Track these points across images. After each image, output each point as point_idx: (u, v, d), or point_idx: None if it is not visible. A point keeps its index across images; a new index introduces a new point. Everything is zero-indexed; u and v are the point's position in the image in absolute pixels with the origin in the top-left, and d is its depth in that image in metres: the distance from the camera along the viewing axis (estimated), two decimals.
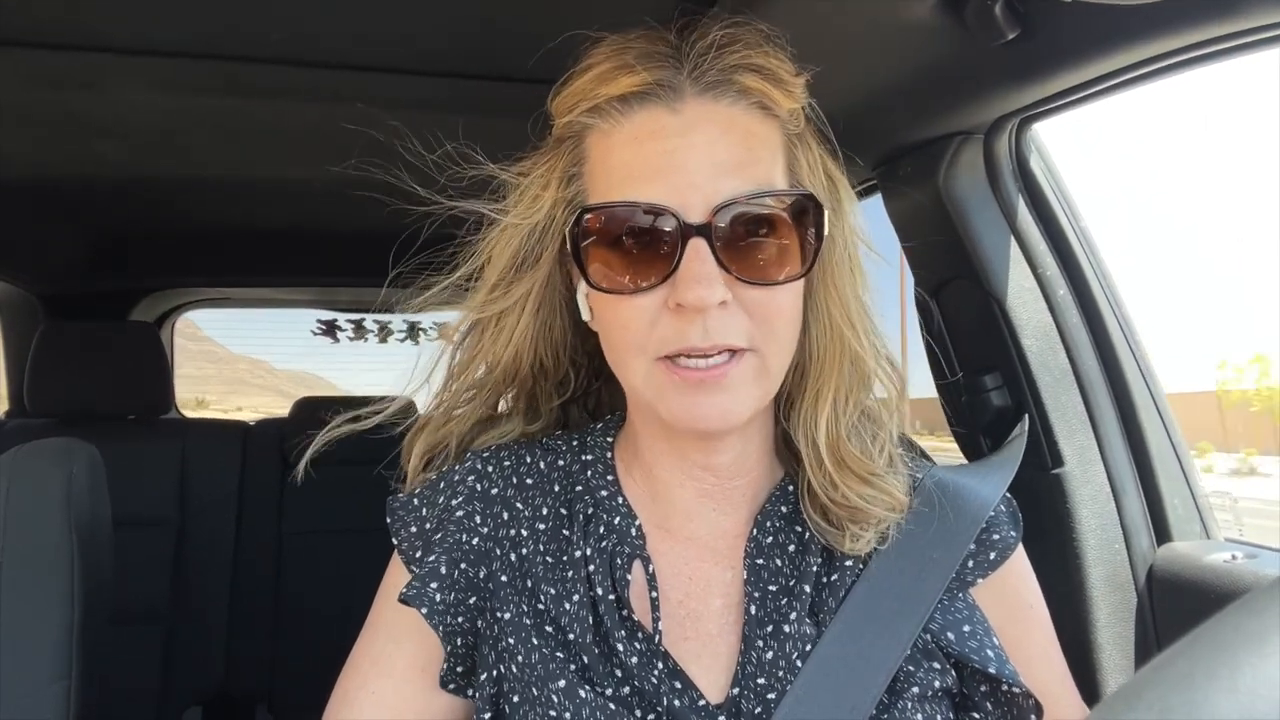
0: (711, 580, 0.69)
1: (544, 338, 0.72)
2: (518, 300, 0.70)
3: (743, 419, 0.63)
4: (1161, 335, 5.05)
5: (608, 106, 0.64)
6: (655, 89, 0.62)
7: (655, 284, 0.60)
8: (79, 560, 1.12)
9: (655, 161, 0.61)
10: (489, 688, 0.65)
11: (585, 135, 0.67)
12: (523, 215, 0.68)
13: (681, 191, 0.60)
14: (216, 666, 2.20)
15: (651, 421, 0.70)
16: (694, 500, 0.71)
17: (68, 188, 1.81)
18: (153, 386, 2.26)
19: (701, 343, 0.60)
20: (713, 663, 0.65)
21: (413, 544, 0.72)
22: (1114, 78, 0.89)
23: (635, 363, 0.63)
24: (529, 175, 0.69)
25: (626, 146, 0.63)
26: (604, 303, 0.65)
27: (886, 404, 0.73)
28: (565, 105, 0.67)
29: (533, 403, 0.77)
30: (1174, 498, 1.07)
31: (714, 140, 0.61)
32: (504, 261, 0.69)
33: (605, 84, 0.64)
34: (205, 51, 1.17)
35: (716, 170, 0.60)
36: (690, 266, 0.59)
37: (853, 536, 0.67)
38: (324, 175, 1.78)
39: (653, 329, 0.61)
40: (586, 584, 0.66)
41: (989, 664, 0.64)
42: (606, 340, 0.67)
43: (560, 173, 0.68)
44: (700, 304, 0.59)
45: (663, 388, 0.62)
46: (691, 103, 0.62)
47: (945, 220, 1.12)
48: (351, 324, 3.04)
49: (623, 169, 0.63)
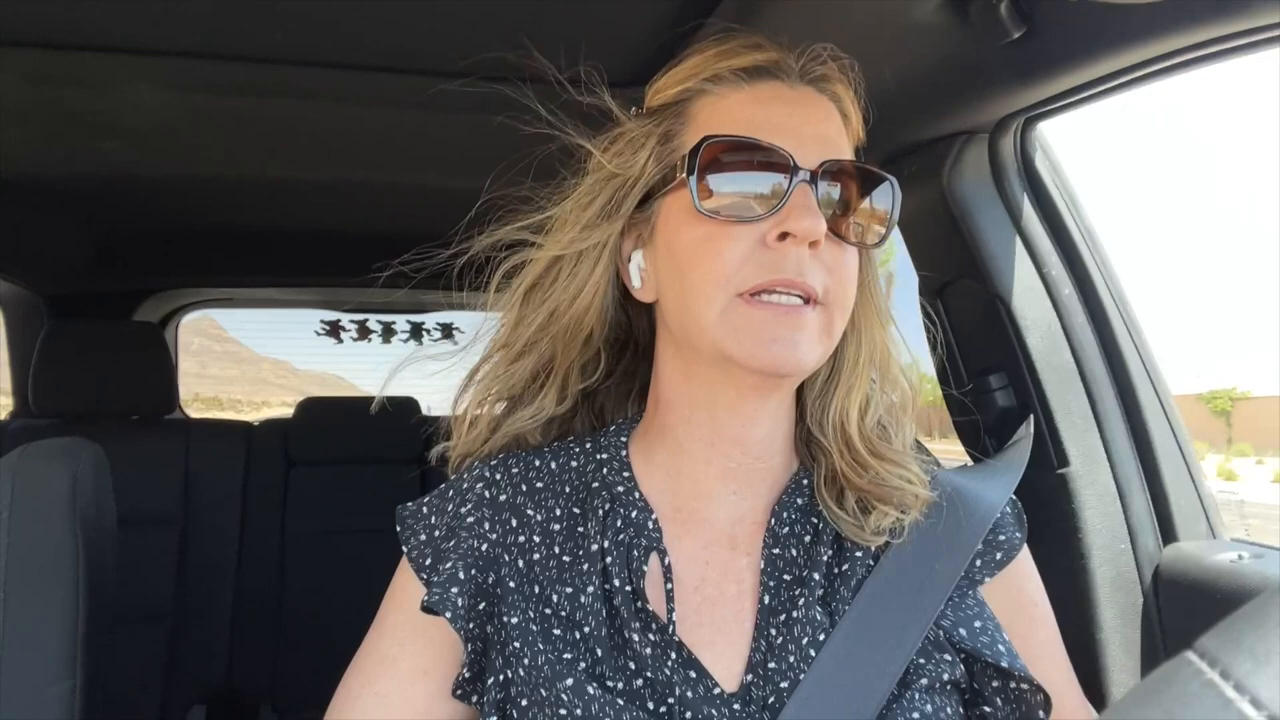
0: (728, 566, 0.70)
1: (600, 301, 0.75)
2: (596, 244, 0.73)
3: (809, 366, 0.67)
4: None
5: (729, 75, 0.70)
6: (777, 67, 0.70)
7: (762, 216, 0.65)
8: (84, 560, 1.12)
9: (776, 119, 0.68)
10: (495, 693, 0.66)
11: (693, 101, 0.72)
12: (619, 167, 0.73)
13: (794, 145, 0.66)
14: (220, 665, 2.21)
15: (696, 379, 0.71)
16: (716, 481, 0.72)
17: (71, 188, 1.81)
18: (157, 386, 2.27)
19: (796, 276, 0.64)
20: (727, 648, 0.66)
21: (422, 552, 0.72)
22: (1119, 77, 0.89)
23: (716, 298, 0.65)
24: (631, 132, 0.73)
25: (747, 105, 0.69)
26: (695, 236, 0.67)
27: (905, 405, 0.76)
28: (676, 79, 0.73)
29: (565, 380, 0.78)
30: (1180, 497, 1.07)
31: (823, 118, 0.70)
32: (595, 210, 0.73)
33: (729, 58, 0.71)
34: (207, 51, 1.17)
35: (823, 140, 0.68)
36: (799, 200, 0.64)
37: (879, 515, 0.69)
38: (326, 175, 1.79)
39: (743, 263, 0.65)
40: (602, 576, 0.67)
41: (1001, 658, 0.65)
42: (681, 284, 0.68)
43: (660, 135, 0.72)
44: (809, 234, 0.63)
45: (739, 324, 0.64)
46: (803, 87, 0.71)
47: (950, 220, 1.12)
48: (355, 324, 3.04)
49: (744, 120, 0.68)
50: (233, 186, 1.85)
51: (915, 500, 0.70)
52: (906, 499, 0.70)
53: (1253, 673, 0.24)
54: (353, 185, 1.85)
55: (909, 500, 0.70)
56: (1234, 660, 0.25)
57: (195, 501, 2.20)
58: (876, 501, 0.69)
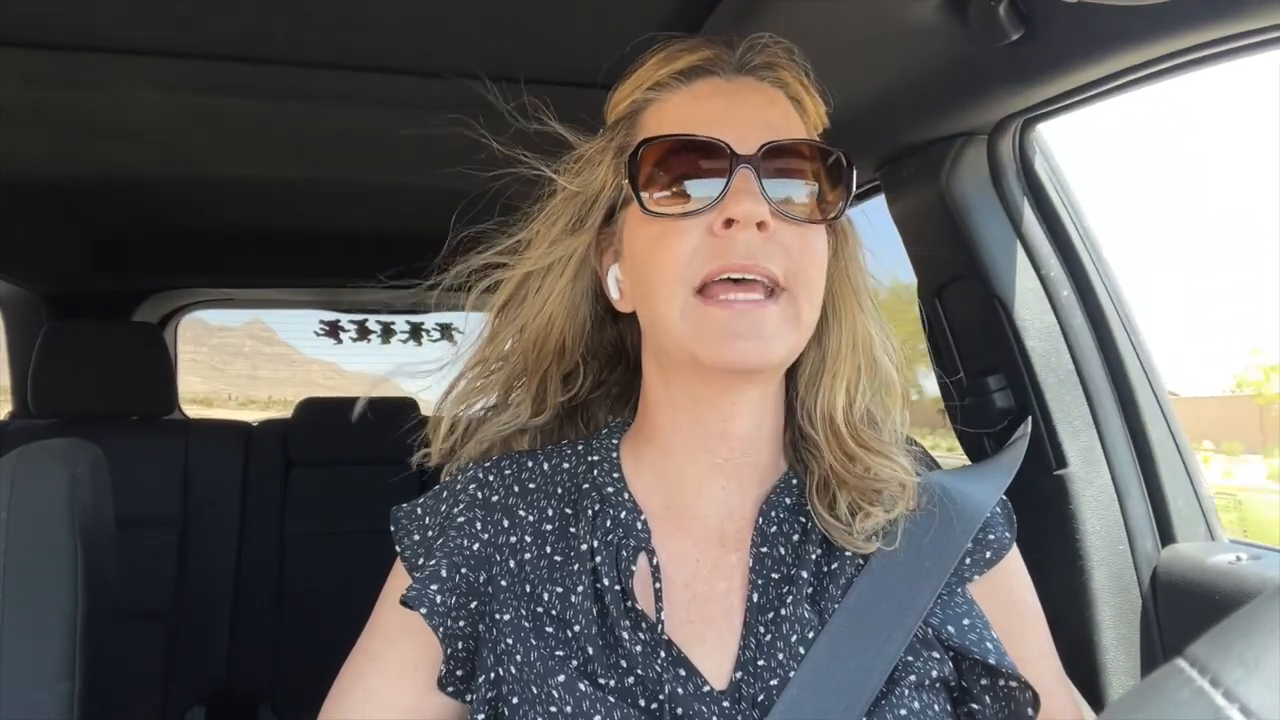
0: (718, 562, 0.70)
1: (571, 316, 0.76)
2: (560, 259, 0.75)
3: (776, 359, 0.66)
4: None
5: (669, 80, 0.72)
6: (712, 63, 0.72)
7: (704, 208, 0.66)
8: (82, 560, 1.12)
9: (711, 113, 0.69)
10: (486, 690, 0.66)
11: (643, 110, 0.74)
12: (580, 185, 0.75)
13: (732, 134, 0.66)
14: (219, 666, 2.21)
15: (675, 380, 0.72)
16: (706, 475, 0.72)
17: (70, 188, 1.82)
18: (156, 387, 2.27)
19: (746, 259, 0.64)
20: (717, 645, 0.66)
21: (415, 550, 0.74)
22: (1118, 79, 0.89)
23: (675, 296, 0.66)
24: (589, 151, 0.75)
25: (684, 104, 0.71)
26: (649, 236, 0.68)
27: (891, 392, 0.76)
28: (626, 91, 0.75)
29: (541, 391, 0.80)
30: (1178, 499, 1.07)
31: (761, 106, 0.70)
32: (559, 226, 0.75)
33: (668, 64, 0.72)
34: (208, 52, 1.17)
35: (764, 125, 0.68)
36: (739, 185, 0.65)
37: (864, 517, 0.69)
38: (326, 175, 1.79)
39: (694, 255, 0.65)
40: (592, 576, 0.67)
41: (989, 655, 0.65)
42: (645, 287, 0.69)
43: (615, 149, 0.74)
44: (747, 216, 0.64)
45: (701, 323, 0.65)
46: (741, 78, 0.72)
47: (949, 221, 1.12)
48: (354, 325, 3.04)
49: (682, 119, 0.70)
50: (231, 186, 1.85)
51: (902, 490, 0.71)
52: (893, 490, 0.70)
53: (1242, 680, 0.24)
54: (352, 185, 1.85)
55: (895, 491, 0.70)
56: (1224, 668, 0.25)
57: (194, 502, 2.20)
58: (864, 502, 0.70)
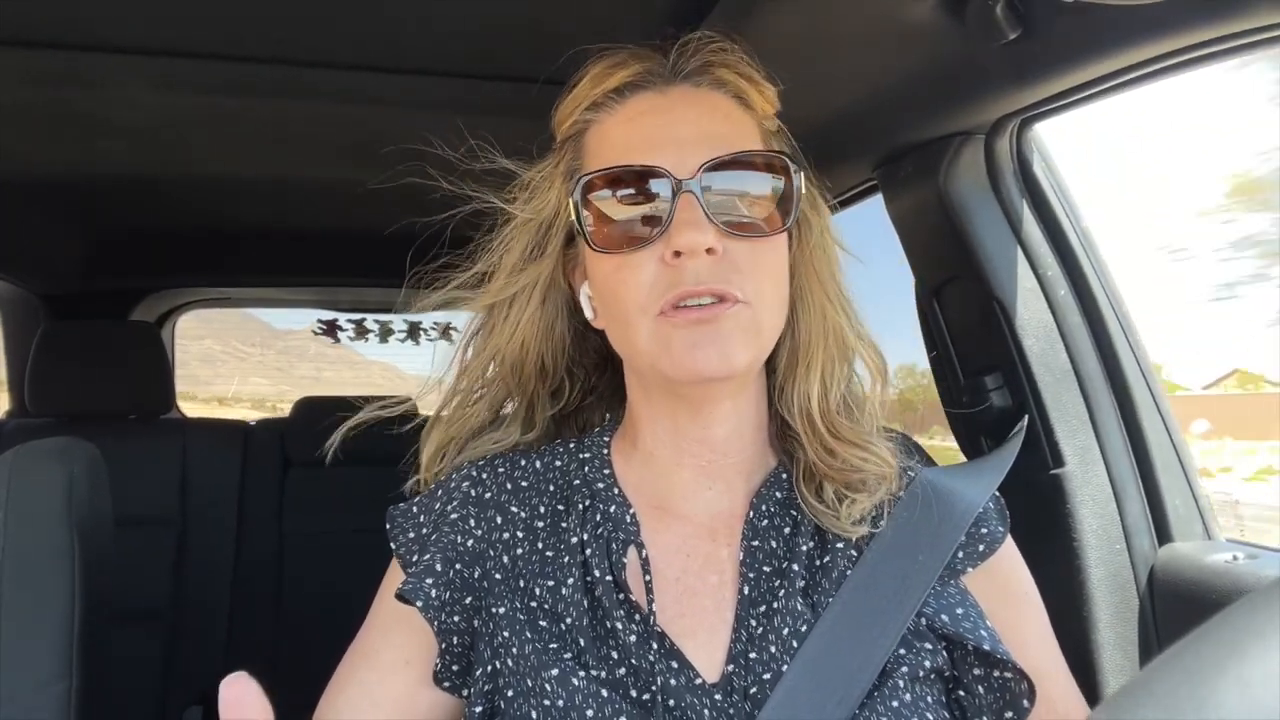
0: (709, 557, 0.70)
1: (547, 336, 0.76)
2: (525, 288, 0.75)
3: (739, 367, 0.66)
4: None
5: (604, 100, 0.71)
6: (645, 77, 0.71)
7: (651, 239, 0.65)
8: (80, 560, 1.12)
9: (647, 134, 0.68)
10: (484, 684, 0.67)
11: (585, 132, 0.73)
12: (532, 212, 0.74)
13: (672, 155, 0.66)
14: (217, 666, 2.20)
15: (652, 393, 0.73)
16: (692, 479, 0.73)
17: (68, 187, 1.81)
18: (153, 386, 2.27)
19: (695, 286, 0.64)
20: (708, 639, 0.66)
21: (410, 547, 0.74)
22: (1115, 78, 0.89)
23: (640, 324, 0.66)
24: (536, 177, 0.75)
25: (620, 126, 0.70)
26: (606, 270, 0.68)
27: (871, 381, 0.77)
28: (566, 111, 0.74)
29: (530, 411, 0.80)
30: (1175, 498, 1.07)
31: (699, 116, 0.69)
32: (515, 255, 0.75)
33: (600, 82, 0.71)
34: (205, 51, 1.17)
35: (702, 138, 0.67)
36: (682, 215, 0.64)
37: (850, 504, 0.69)
38: (325, 175, 1.79)
39: (653, 286, 0.66)
40: (582, 569, 0.68)
41: (983, 642, 0.65)
42: (611, 314, 0.70)
43: (564, 170, 0.73)
44: (692, 247, 0.63)
45: (666, 339, 0.65)
46: (677, 87, 0.70)
47: (946, 220, 1.12)
48: (352, 324, 3.04)
49: (620, 144, 0.69)
50: (229, 186, 1.84)
51: (881, 477, 0.71)
52: (871, 477, 0.71)
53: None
54: (351, 185, 1.85)
55: (874, 476, 0.71)
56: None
57: (192, 501, 2.20)
58: (847, 489, 0.70)
